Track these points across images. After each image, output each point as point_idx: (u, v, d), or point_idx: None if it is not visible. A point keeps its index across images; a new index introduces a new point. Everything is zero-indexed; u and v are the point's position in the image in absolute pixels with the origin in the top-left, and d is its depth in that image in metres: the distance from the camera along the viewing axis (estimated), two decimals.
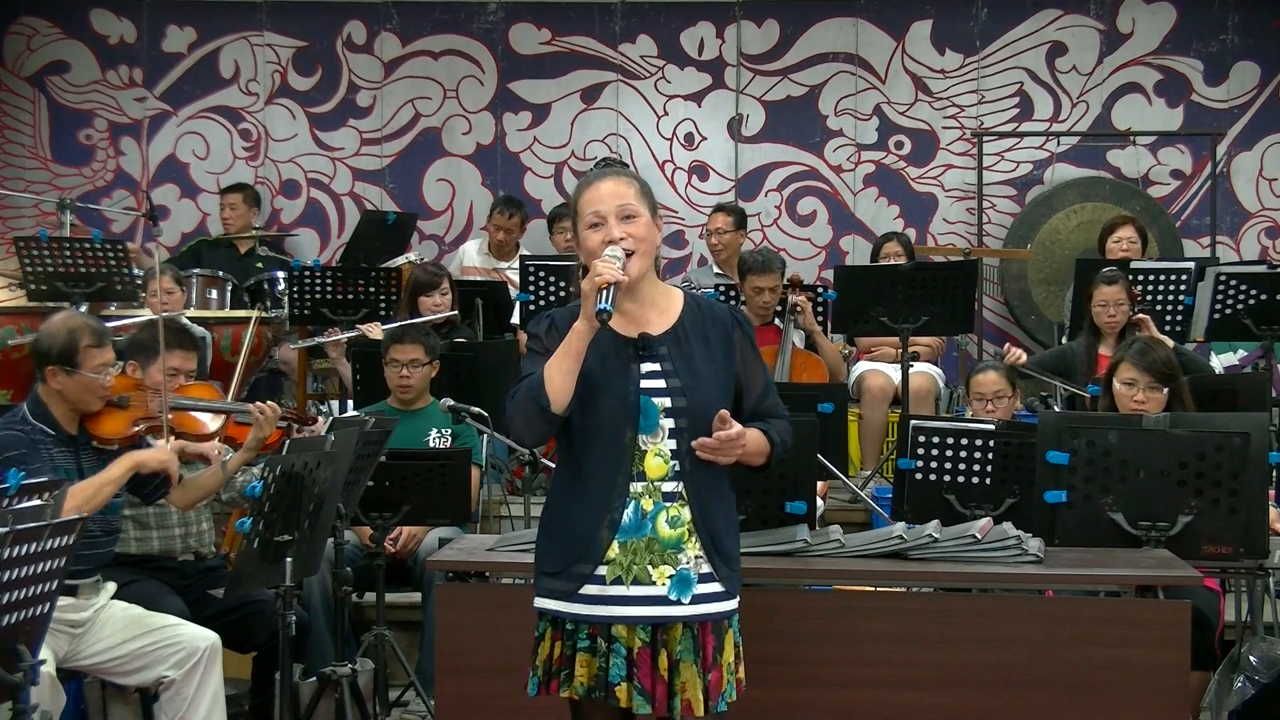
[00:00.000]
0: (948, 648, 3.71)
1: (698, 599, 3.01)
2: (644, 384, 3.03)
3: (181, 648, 4.19)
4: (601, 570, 3.01)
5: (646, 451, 3.01)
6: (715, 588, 3.03)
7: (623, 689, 2.99)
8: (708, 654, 3.01)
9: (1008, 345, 6.21)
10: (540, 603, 3.07)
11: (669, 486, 3.02)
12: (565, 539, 3.06)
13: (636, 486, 3.01)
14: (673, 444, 3.02)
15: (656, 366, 3.04)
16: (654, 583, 3.00)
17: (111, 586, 4.32)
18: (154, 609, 4.35)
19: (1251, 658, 4.60)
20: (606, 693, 2.99)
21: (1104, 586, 3.99)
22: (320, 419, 5.00)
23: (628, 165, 3.00)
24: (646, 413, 3.01)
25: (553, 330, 3.06)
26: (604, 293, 2.92)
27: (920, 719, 3.71)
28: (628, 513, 3.01)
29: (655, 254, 3.14)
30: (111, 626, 4.19)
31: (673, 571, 3.00)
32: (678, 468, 3.02)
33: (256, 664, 4.76)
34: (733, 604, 3.07)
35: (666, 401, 3.02)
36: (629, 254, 3.01)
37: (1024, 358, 6.02)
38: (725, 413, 2.98)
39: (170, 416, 4.39)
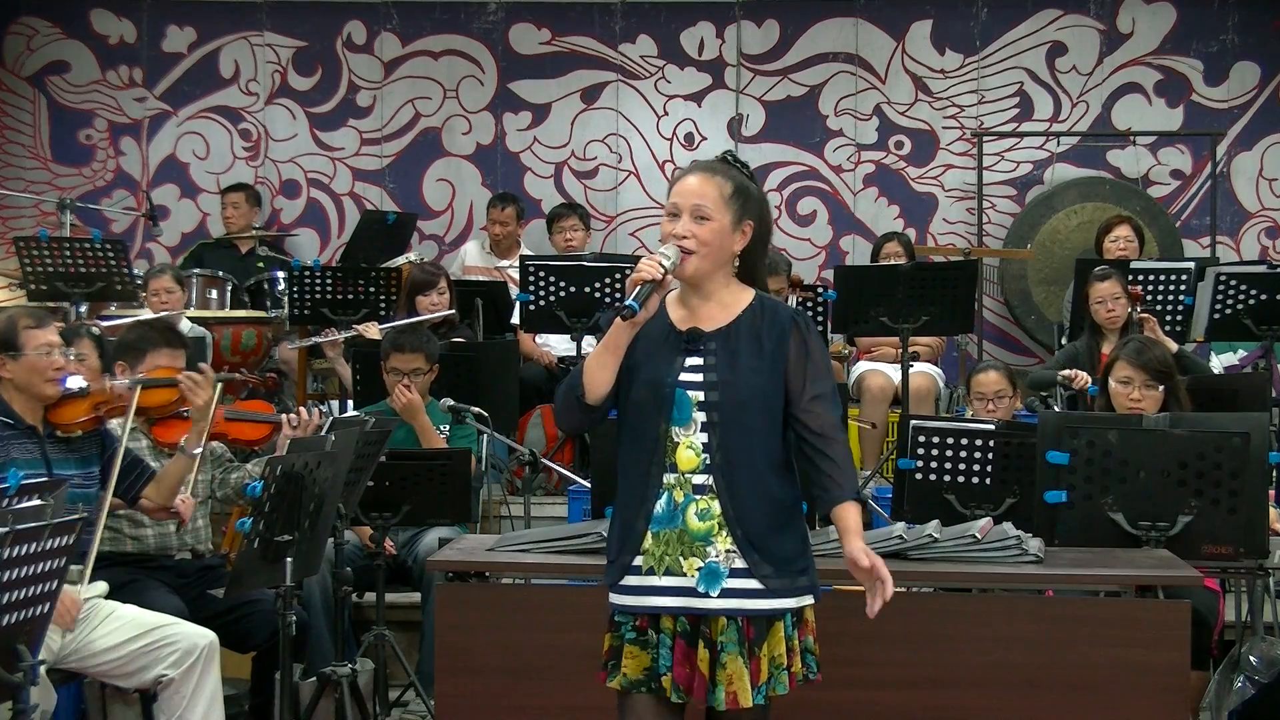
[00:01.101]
0: (948, 648, 3.71)
1: (727, 593, 3.01)
2: (683, 377, 3.06)
3: (179, 647, 4.18)
4: (638, 560, 3.06)
5: (679, 443, 3.04)
6: (751, 584, 3.02)
7: (667, 679, 3.02)
8: (748, 645, 3.02)
9: (1074, 372, 6.00)
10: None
11: (699, 479, 3.04)
12: (615, 528, 3.12)
13: (669, 478, 3.05)
14: (704, 437, 3.03)
15: (700, 360, 3.07)
16: (684, 574, 3.02)
17: (103, 585, 4.30)
18: (152, 608, 4.35)
19: (1251, 658, 4.61)
20: (657, 683, 3.03)
21: (1104, 586, 3.99)
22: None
23: (746, 165, 3.01)
24: (680, 404, 3.04)
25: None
26: (637, 289, 2.97)
27: (920, 719, 3.71)
28: (660, 503, 3.05)
29: (728, 257, 3.11)
30: (107, 627, 4.17)
31: (701, 564, 3.02)
32: (709, 461, 3.03)
33: (256, 664, 4.76)
34: (776, 603, 3.04)
35: (700, 395, 3.04)
36: (688, 254, 3.04)
37: (1089, 382, 5.85)
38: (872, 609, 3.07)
39: (126, 398, 4.40)
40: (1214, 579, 4.54)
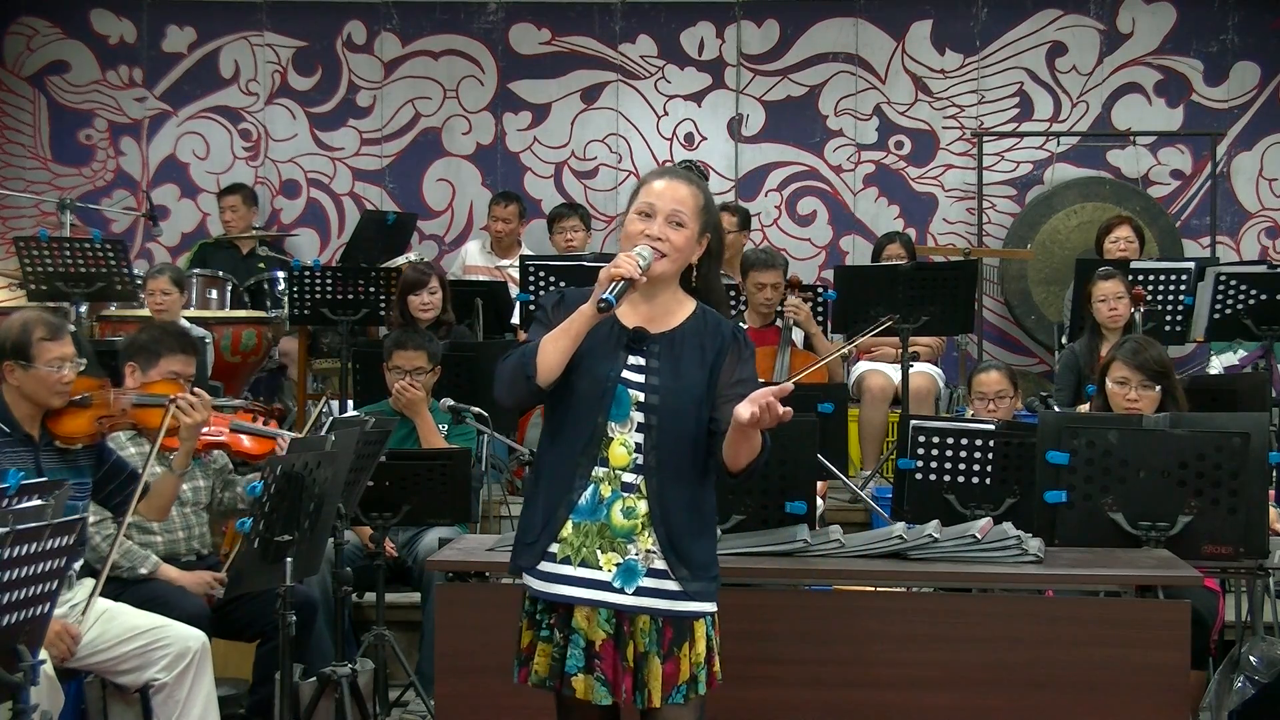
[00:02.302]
0: (948, 648, 3.71)
1: (643, 591, 3.03)
2: (625, 374, 3.08)
3: (171, 650, 4.17)
4: (554, 548, 3.07)
5: (614, 439, 3.06)
6: (669, 585, 3.04)
7: (580, 680, 3.02)
8: (664, 646, 3.03)
9: None
10: (521, 578, 3.12)
11: (629, 477, 3.05)
12: (533, 511, 3.12)
13: (599, 471, 3.06)
14: (639, 437, 3.05)
15: (642, 361, 3.09)
16: (600, 568, 3.04)
17: (89, 582, 4.29)
18: (174, 605, 4.38)
19: (1251, 658, 4.61)
20: (561, 682, 3.03)
21: (1104, 586, 3.99)
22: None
23: (706, 178, 3.12)
24: (620, 401, 3.06)
25: (560, 306, 3.13)
26: (615, 284, 2.97)
27: (920, 719, 3.71)
28: (585, 495, 3.06)
29: (687, 265, 3.14)
30: (99, 627, 4.17)
31: (620, 560, 3.04)
32: (640, 461, 3.05)
33: (257, 663, 4.77)
34: (695, 606, 3.05)
35: (640, 395, 3.07)
36: (660, 256, 3.06)
37: None
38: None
39: (130, 415, 4.37)
40: (1214, 579, 4.54)
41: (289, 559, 3.97)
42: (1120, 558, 3.92)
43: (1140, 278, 6.50)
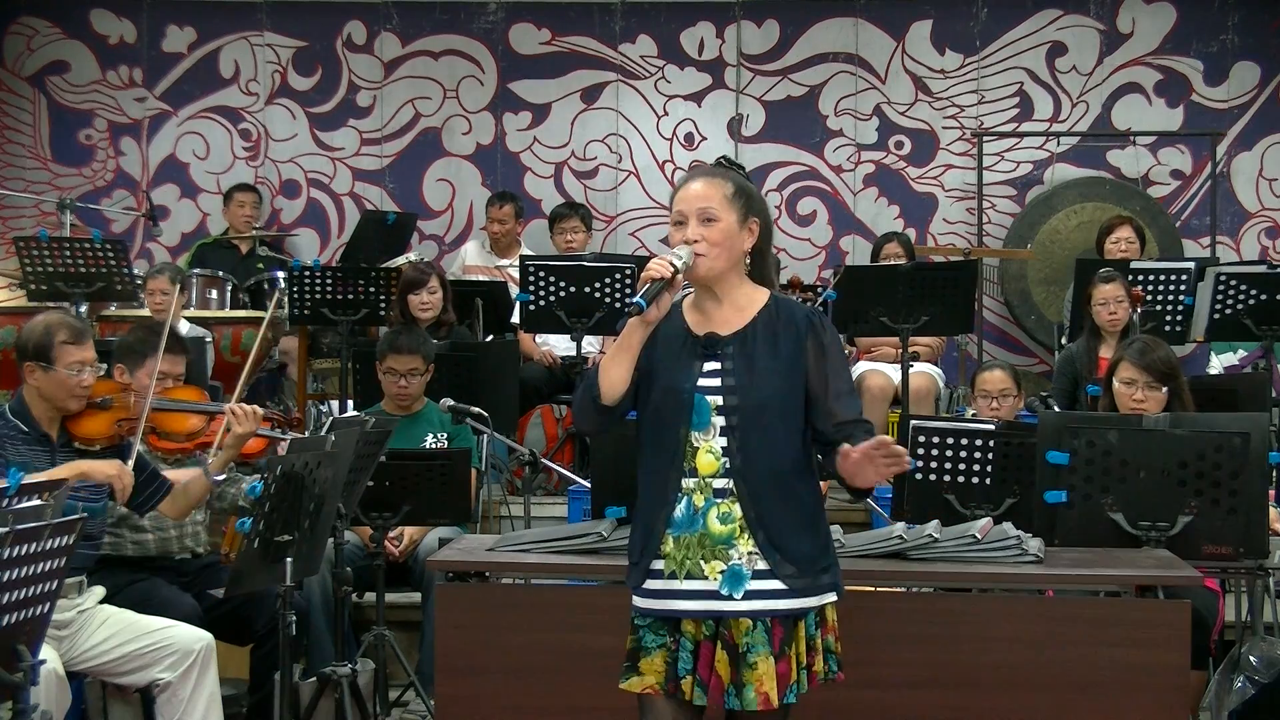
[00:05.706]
0: (948, 648, 3.71)
1: (751, 595, 3.02)
2: (702, 381, 3.07)
3: (175, 650, 4.17)
4: (658, 564, 3.07)
5: (699, 448, 3.06)
6: (775, 585, 3.03)
7: (687, 681, 3.04)
8: (775, 645, 3.03)
9: None
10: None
11: (720, 483, 3.05)
12: (636, 532, 3.14)
13: (689, 482, 3.06)
14: (724, 441, 3.05)
15: (717, 365, 3.08)
16: (706, 577, 3.04)
17: (100, 590, 4.29)
18: (163, 605, 4.37)
19: (1251, 658, 4.61)
20: (675, 685, 3.04)
21: (1104, 586, 3.99)
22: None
23: (742, 167, 3.11)
24: (699, 410, 3.06)
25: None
26: (646, 286, 2.98)
27: (920, 719, 3.71)
28: (680, 507, 3.06)
29: (739, 256, 3.13)
30: (104, 630, 4.17)
31: (724, 567, 3.03)
32: (728, 465, 3.04)
33: (255, 663, 4.76)
34: (800, 603, 3.04)
35: (719, 400, 3.06)
36: (699, 256, 3.06)
37: None
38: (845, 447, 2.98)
39: (150, 418, 4.36)
40: (1214, 579, 4.54)
41: (289, 559, 3.97)
42: (1120, 558, 3.92)
43: (1140, 278, 6.49)
